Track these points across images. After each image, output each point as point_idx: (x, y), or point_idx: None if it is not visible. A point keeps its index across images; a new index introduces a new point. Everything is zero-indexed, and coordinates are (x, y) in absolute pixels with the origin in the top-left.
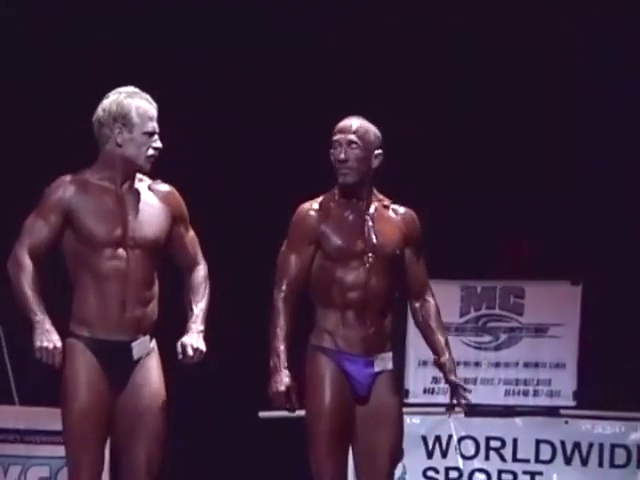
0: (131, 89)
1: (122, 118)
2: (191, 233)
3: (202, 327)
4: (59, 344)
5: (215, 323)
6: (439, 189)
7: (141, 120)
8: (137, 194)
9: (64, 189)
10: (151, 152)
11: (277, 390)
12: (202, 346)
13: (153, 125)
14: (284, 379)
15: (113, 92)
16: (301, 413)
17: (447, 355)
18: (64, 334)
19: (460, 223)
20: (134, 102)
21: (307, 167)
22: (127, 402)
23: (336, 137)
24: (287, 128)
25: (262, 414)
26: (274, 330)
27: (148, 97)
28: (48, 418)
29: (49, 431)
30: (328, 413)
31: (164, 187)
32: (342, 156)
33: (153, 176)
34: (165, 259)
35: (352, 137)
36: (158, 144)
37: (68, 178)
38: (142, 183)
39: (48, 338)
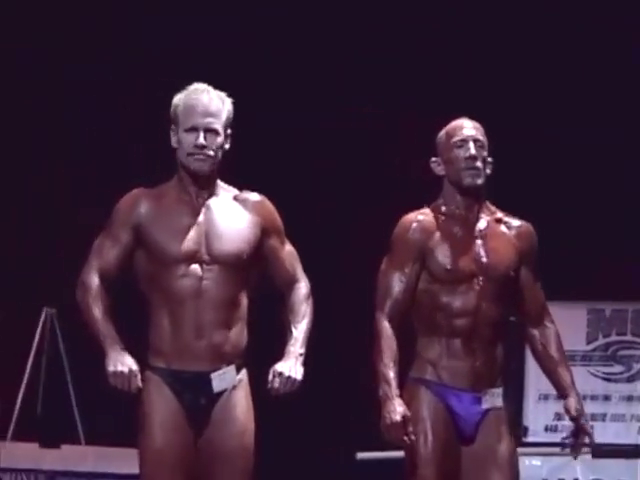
0: (194, 86)
1: (172, 117)
2: (288, 247)
3: (302, 350)
4: (135, 367)
5: (307, 356)
6: (561, 201)
7: (184, 115)
8: (218, 204)
9: (135, 204)
10: (190, 150)
11: (392, 421)
12: (297, 374)
13: (197, 121)
14: (398, 408)
15: None
16: (400, 454)
17: (574, 395)
18: (142, 368)
19: (585, 237)
20: (184, 97)
21: (405, 175)
22: (209, 442)
23: (462, 134)
24: (385, 136)
25: (360, 455)
26: (380, 356)
27: (210, 92)
28: (118, 459)
29: (119, 474)
30: (431, 454)
31: (253, 196)
32: (474, 151)
33: (235, 183)
34: (259, 277)
35: (479, 136)
36: (198, 141)
37: (139, 192)
38: (227, 193)
39: (122, 362)
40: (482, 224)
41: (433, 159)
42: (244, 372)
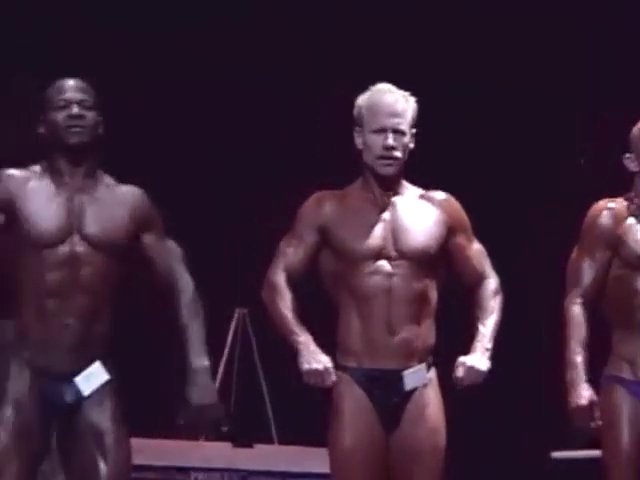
0: (377, 86)
1: (356, 118)
2: (476, 245)
3: (489, 345)
4: (329, 364)
5: (499, 352)
6: None
7: (370, 117)
8: (403, 202)
9: (319, 205)
10: (379, 152)
11: (578, 405)
12: (482, 365)
13: (384, 122)
14: (584, 392)
15: None
16: (596, 453)
17: None
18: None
19: None
20: (368, 98)
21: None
22: (400, 441)
23: None
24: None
25: (555, 454)
26: (568, 343)
27: (394, 92)
28: (310, 458)
29: (311, 473)
30: (627, 453)
31: (439, 195)
32: None
33: (419, 182)
34: (446, 275)
35: None
36: (387, 142)
37: (323, 194)
38: (412, 192)
39: (316, 359)
40: None
41: (627, 155)
42: (433, 371)
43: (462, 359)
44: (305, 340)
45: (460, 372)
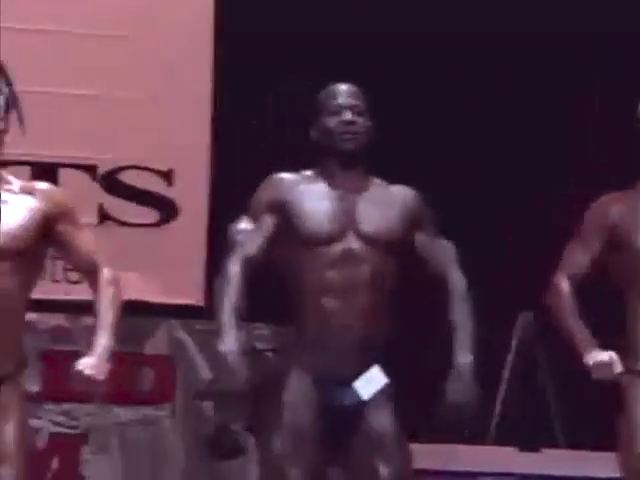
0: None
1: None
2: None
3: None
4: (615, 355)
5: None
6: None
7: None
8: None
9: (606, 209)
10: None
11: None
12: None
13: None
14: None
15: None
16: None
17: None
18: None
19: None
20: None
21: None
22: None
23: None
24: None
25: None
26: None
27: None
28: (598, 463)
29: (599, 478)
30: None
31: None
32: None
33: None
34: None
35: None
36: None
37: (609, 197)
38: None
39: (601, 353)
40: None
41: None
42: None
43: None
44: (587, 341)
45: None
